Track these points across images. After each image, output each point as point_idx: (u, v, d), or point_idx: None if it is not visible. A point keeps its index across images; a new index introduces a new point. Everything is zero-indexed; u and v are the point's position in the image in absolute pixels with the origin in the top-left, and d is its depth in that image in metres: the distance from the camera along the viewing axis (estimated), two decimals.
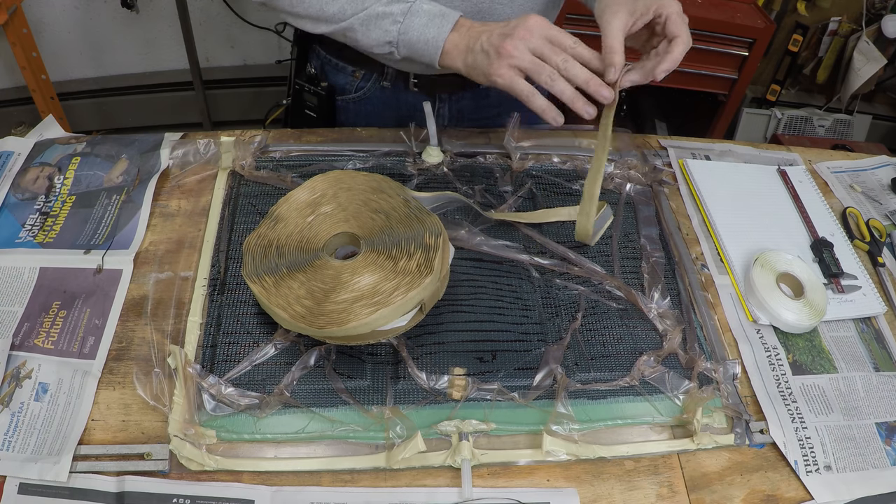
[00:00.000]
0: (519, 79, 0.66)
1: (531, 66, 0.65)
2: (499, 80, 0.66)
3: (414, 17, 0.71)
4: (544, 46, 0.64)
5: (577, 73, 0.64)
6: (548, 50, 0.64)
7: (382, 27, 0.72)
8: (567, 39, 0.65)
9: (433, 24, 0.70)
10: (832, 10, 2.04)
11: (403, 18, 0.71)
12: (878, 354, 0.73)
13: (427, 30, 0.70)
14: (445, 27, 0.70)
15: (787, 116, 2.18)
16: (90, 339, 0.65)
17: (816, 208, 0.88)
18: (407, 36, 0.71)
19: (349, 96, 0.94)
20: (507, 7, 0.81)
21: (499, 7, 0.80)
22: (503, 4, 0.80)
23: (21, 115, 1.94)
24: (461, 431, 0.60)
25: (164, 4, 1.90)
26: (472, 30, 0.69)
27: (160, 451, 0.58)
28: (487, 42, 0.67)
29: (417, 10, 0.71)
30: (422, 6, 0.71)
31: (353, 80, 0.92)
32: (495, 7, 0.80)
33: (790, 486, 0.61)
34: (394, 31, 0.71)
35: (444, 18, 0.70)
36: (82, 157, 0.82)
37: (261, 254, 0.66)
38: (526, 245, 0.77)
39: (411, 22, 0.71)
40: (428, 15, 0.71)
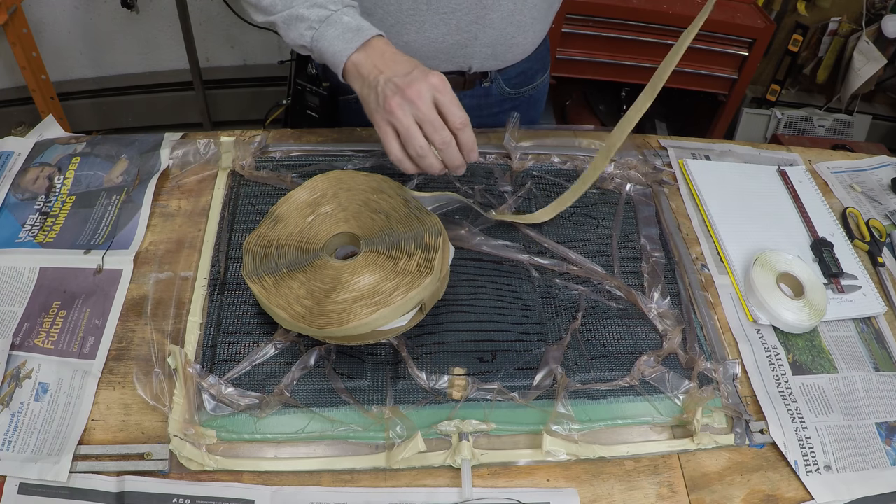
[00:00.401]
0: (392, 139, 0.65)
1: (405, 134, 0.64)
2: (377, 130, 0.66)
3: (329, 26, 0.69)
4: (429, 116, 0.63)
5: (451, 158, 0.65)
6: (431, 124, 0.64)
7: (299, 30, 0.70)
8: (457, 116, 0.64)
9: (344, 38, 0.68)
10: (832, 10, 2.04)
11: (319, 26, 0.69)
12: (878, 354, 0.73)
13: (336, 42, 0.68)
14: (353, 44, 0.67)
15: (787, 116, 2.18)
16: (90, 339, 0.65)
17: (816, 208, 0.88)
18: (318, 44, 0.69)
19: (352, 96, 0.94)
20: (508, 2, 0.80)
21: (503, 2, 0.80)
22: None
23: (21, 115, 1.94)
24: (461, 431, 0.61)
25: (164, 4, 1.90)
26: (380, 59, 0.67)
27: (160, 451, 0.58)
28: (382, 85, 0.65)
29: (336, 20, 0.69)
30: (342, 17, 0.69)
31: None
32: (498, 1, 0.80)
33: (790, 486, 0.61)
34: (308, 36, 0.70)
35: (357, 34, 0.68)
36: (82, 157, 0.82)
37: (261, 254, 0.66)
38: (526, 245, 0.77)
39: (325, 31, 0.69)
40: (343, 28, 0.68)
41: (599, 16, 1.71)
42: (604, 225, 0.81)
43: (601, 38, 1.75)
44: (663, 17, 1.71)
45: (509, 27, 0.83)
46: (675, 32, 1.74)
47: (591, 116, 2.05)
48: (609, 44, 1.77)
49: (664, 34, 1.74)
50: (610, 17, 1.71)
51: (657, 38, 1.75)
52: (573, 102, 2.10)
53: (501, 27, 0.82)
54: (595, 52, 1.79)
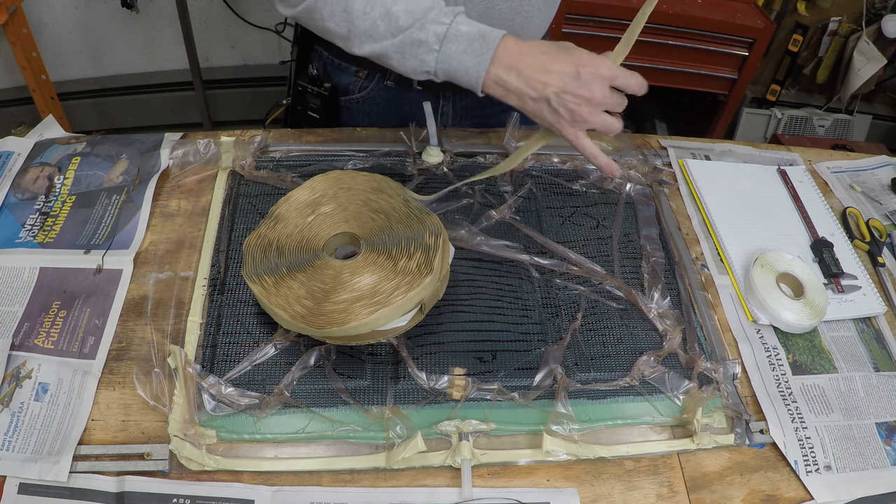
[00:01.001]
0: (586, 139, 0.66)
1: (605, 129, 0.65)
2: (567, 138, 0.66)
3: (451, 42, 0.64)
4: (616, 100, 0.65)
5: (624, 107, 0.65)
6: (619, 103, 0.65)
7: (418, 56, 0.65)
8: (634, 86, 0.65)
9: (472, 49, 0.64)
10: (832, 10, 2.04)
11: (440, 46, 0.64)
12: (878, 354, 0.73)
13: (465, 59, 0.64)
14: (485, 56, 0.64)
15: (787, 116, 2.18)
16: (90, 339, 0.65)
17: (816, 208, 0.88)
18: (445, 65, 0.65)
19: (353, 96, 0.94)
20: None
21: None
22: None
23: (21, 115, 1.94)
24: (461, 431, 0.60)
25: (164, 4, 1.90)
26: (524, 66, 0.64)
27: (160, 451, 0.58)
28: (558, 100, 0.63)
29: (455, 34, 0.64)
30: (460, 28, 0.64)
31: (356, 80, 0.92)
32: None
33: (790, 486, 0.61)
34: (430, 60, 0.65)
35: (483, 41, 0.64)
36: (82, 157, 0.82)
37: (261, 254, 0.66)
38: (526, 245, 0.77)
39: (449, 49, 0.64)
40: (467, 39, 0.64)
41: (599, 16, 1.71)
42: (604, 225, 0.81)
43: (601, 38, 1.75)
44: (663, 17, 1.71)
45: (517, 18, 0.82)
46: (676, 32, 1.74)
47: None
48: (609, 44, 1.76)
49: (664, 34, 1.74)
50: (610, 17, 1.71)
51: (657, 38, 1.75)
52: None
53: (509, 18, 0.81)
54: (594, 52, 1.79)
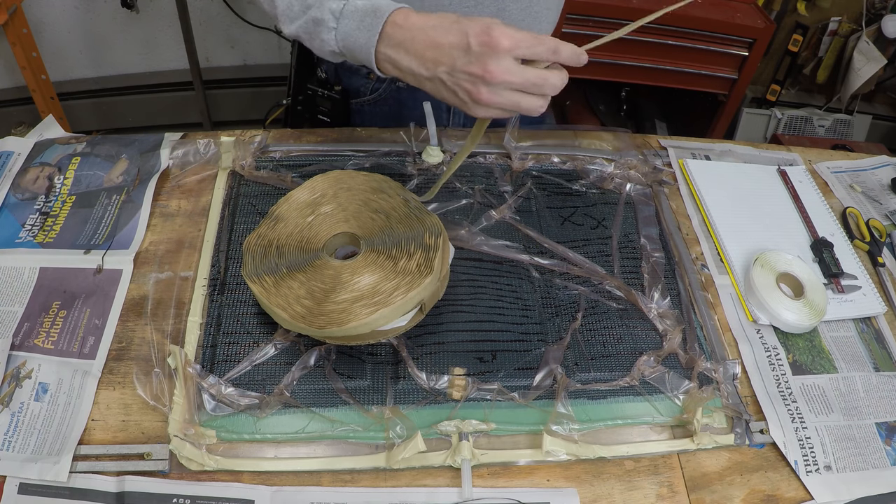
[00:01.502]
0: (496, 112, 0.58)
1: (518, 110, 0.57)
2: (477, 118, 0.60)
3: (346, 19, 0.59)
4: (527, 80, 0.55)
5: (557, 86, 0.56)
6: (534, 86, 0.55)
7: (321, 36, 0.61)
8: (544, 54, 0.55)
9: (363, 25, 0.58)
10: (832, 10, 2.04)
11: (337, 23, 0.59)
12: (878, 354, 0.73)
13: (358, 35, 0.58)
14: (374, 31, 0.58)
15: (787, 116, 2.18)
16: (90, 339, 0.65)
17: (816, 208, 0.88)
18: (345, 43, 0.60)
19: (364, 98, 0.93)
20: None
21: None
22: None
23: (21, 115, 1.94)
24: (461, 431, 0.60)
25: (164, 4, 1.90)
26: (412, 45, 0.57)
27: (160, 451, 0.58)
28: (452, 81, 0.56)
29: (350, 10, 0.59)
30: (356, 3, 0.59)
31: (367, 82, 0.91)
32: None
33: (790, 486, 0.61)
34: (331, 39, 0.61)
35: (374, 17, 0.58)
36: (82, 157, 0.82)
37: (261, 254, 0.66)
38: (526, 245, 0.77)
39: (345, 26, 0.59)
40: (360, 14, 0.58)
41: (599, 16, 1.71)
42: (604, 225, 0.81)
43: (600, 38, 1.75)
44: (664, 17, 1.71)
45: (527, 18, 0.82)
46: (675, 32, 1.74)
47: (591, 116, 2.05)
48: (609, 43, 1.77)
49: (664, 34, 1.74)
50: (610, 17, 1.71)
51: (657, 38, 1.75)
52: (573, 102, 2.10)
53: (520, 19, 0.81)
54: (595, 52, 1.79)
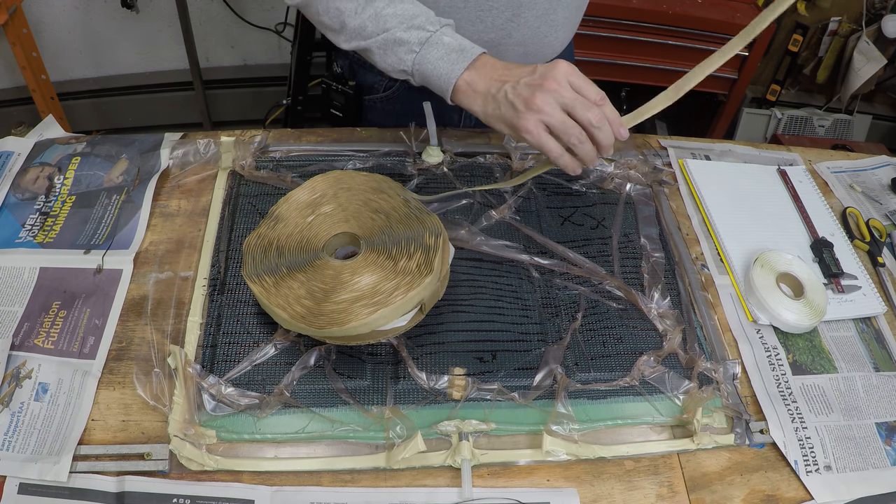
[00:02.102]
0: (548, 136, 0.63)
1: (560, 127, 0.62)
2: (527, 137, 0.64)
3: (431, 48, 0.67)
4: (575, 98, 0.62)
5: (605, 136, 0.63)
6: (582, 104, 0.62)
7: (398, 54, 0.69)
8: (595, 92, 0.63)
9: (449, 58, 0.66)
10: (832, 10, 2.04)
11: (420, 49, 0.67)
12: (878, 354, 0.73)
13: (441, 64, 0.67)
14: (461, 64, 0.66)
15: (787, 116, 2.18)
16: (90, 339, 0.65)
17: (816, 208, 0.88)
18: (421, 67, 0.68)
19: (377, 95, 0.94)
20: (544, 1, 0.79)
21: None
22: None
23: (21, 115, 1.94)
24: (461, 431, 0.61)
25: (164, 4, 1.90)
26: (494, 72, 0.66)
27: (160, 451, 0.58)
28: (514, 92, 0.63)
29: (437, 41, 0.67)
30: (442, 38, 0.67)
31: (381, 80, 0.92)
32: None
33: (790, 486, 0.61)
34: (408, 60, 0.68)
35: (461, 54, 0.67)
36: (82, 157, 0.82)
37: (261, 254, 0.66)
38: (526, 245, 0.77)
39: (427, 53, 0.67)
40: (446, 48, 0.67)
41: (600, 16, 1.71)
42: (604, 225, 0.81)
43: (601, 38, 1.75)
44: (664, 17, 1.71)
45: (543, 26, 0.82)
46: (676, 32, 1.74)
47: None
48: (609, 44, 1.77)
49: (664, 34, 1.74)
50: (610, 17, 1.71)
51: (657, 39, 1.75)
52: None
53: (535, 26, 0.82)
54: (595, 52, 1.79)
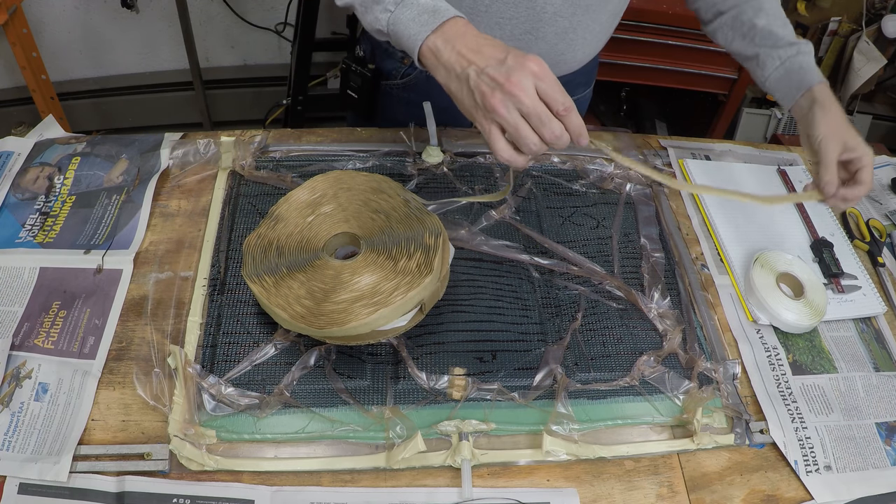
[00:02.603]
0: (498, 136, 0.59)
1: (514, 134, 0.58)
2: (477, 126, 0.61)
3: (406, 8, 0.64)
4: (535, 109, 0.57)
5: (561, 145, 0.59)
6: (538, 118, 0.58)
7: (375, 13, 0.66)
8: (560, 102, 0.58)
9: (419, 20, 0.63)
10: (832, 10, 2.04)
11: (395, 8, 0.64)
12: (878, 354, 0.73)
13: (411, 25, 0.63)
14: (428, 26, 0.62)
15: (787, 116, 2.18)
16: (90, 339, 0.65)
17: (816, 208, 0.88)
18: (394, 27, 0.64)
19: (394, 81, 0.94)
20: (564, 19, 0.79)
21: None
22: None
23: (21, 115, 1.93)
24: (461, 431, 0.60)
25: (164, 4, 1.90)
26: (465, 44, 0.61)
27: (160, 451, 0.58)
28: (476, 80, 0.59)
29: (411, 2, 0.64)
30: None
31: (400, 66, 0.92)
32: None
33: (790, 486, 0.61)
34: (384, 19, 0.65)
35: (433, 16, 0.63)
36: (82, 157, 0.82)
37: (261, 254, 0.66)
38: (526, 245, 0.77)
39: (401, 13, 0.64)
40: (420, 9, 0.63)
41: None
42: (604, 225, 0.81)
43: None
44: (663, 17, 1.71)
45: (560, 43, 0.82)
46: (676, 32, 1.74)
47: (591, 116, 2.05)
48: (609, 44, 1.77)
49: (664, 34, 1.74)
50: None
51: (657, 38, 1.75)
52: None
53: (553, 42, 0.81)
54: None
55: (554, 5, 0.77)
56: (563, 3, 0.77)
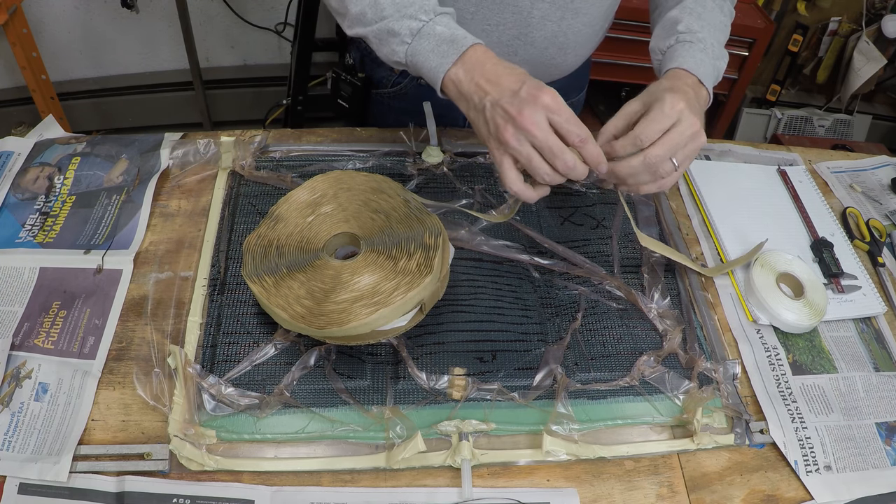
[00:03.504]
0: (510, 167, 0.60)
1: (527, 165, 0.59)
2: (491, 155, 0.62)
3: (423, 39, 0.64)
4: (547, 142, 0.58)
5: (578, 176, 0.60)
6: (550, 151, 0.58)
7: (391, 45, 0.66)
8: (575, 135, 0.59)
9: (439, 51, 0.63)
10: (832, 10, 2.04)
11: (412, 40, 0.64)
12: (878, 354, 0.73)
13: (431, 57, 0.63)
14: (450, 58, 0.62)
15: (787, 116, 2.18)
16: (90, 339, 0.65)
17: (816, 208, 0.88)
18: (414, 59, 0.65)
19: (385, 90, 0.94)
20: (553, 24, 0.78)
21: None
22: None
23: (21, 115, 1.94)
24: (461, 431, 0.60)
25: (164, 4, 1.90)
26: (482, 74, 0.61)
27: (160, 451, 0.58)
28: (491, 112, 0.60)
29: (429, 32, 0.64)
30: (435, 28, 0.64)
31: (390, 75, 0.92)
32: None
33: (790, 486, 0.61)
34: (401, 52, 0.65)
35: (452, 45, 0.63)
36: (82, 157, 0.82)
37: (261, 254, 0.66)
38: (526, 245, 0.77)
39: (419, 45, 0.64)
40: (437, 39, 0.63)
41: None
42: (604, 225, 0.81)
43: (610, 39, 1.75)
44: None
45: (551, 48, 0.81)
46: None
47: (590, 116, 2.05)
48: (609, 44, 1.77)
49: None
50: None
51: None
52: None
53: (543, 47, 0.81)
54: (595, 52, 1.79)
55: (541, 9, 0.76)
56: (550, 7, 0.77)
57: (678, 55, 0.70)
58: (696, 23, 0.72)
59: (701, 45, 0.71)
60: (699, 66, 0.69)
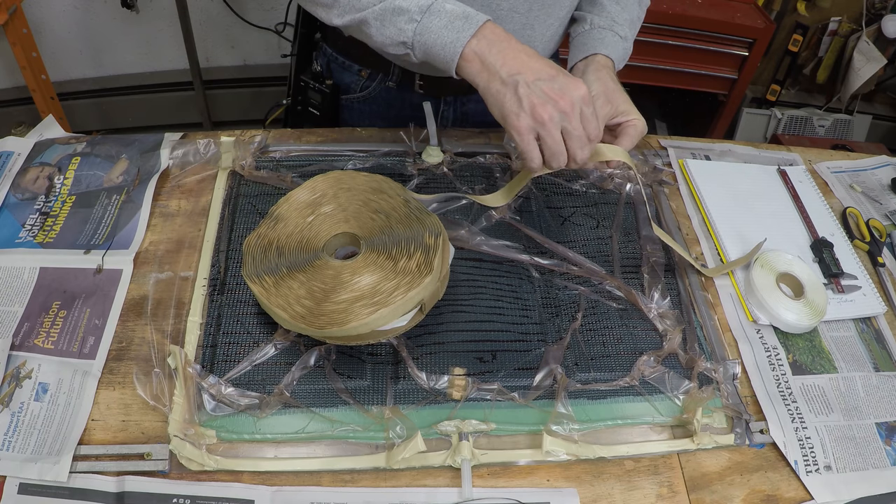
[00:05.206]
0: (534, 146, 0.62)
1: (551, 146, 0.61)
2: (516, 136, 0.62)
3: (433, 16, 0.62)
4: (578, 131, 0.61)
5: (572, 167, 0.64)
6: (580, 140, 0.61)
7: (397, 25, 0.64)
8: (595, 131, 0.62)
9: (453, 26, 0.62)
10: (832, 10, 2.04)
11: (421, 17, 0.63)
12: (878, 354, 0.73)
13: (445, 32, 0.62)
14: (467, 31, 0.62)
15: (787, 116, 2.18)
16: (90, 339, 0.65)
17: (816, 208, 0.88)
18: (423, 38, 0.63)
19: (354, 95, 0.93)
20: (521, 16, 0.78)
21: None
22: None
23: (21, 115, 1.94)
24: (461, 431, 0.60)
25: (164, 4, 1.90)
26: (508, 51, 0.62)
27: (160, 451, 0.58)
28: (526, 90, 0.60)
29: (439, 8, 0.63)
30: (445, 5, 0.63)
31: (359, 80, 0.91)
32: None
33: (790, 486, 0.61)
34: (409, 30, 0.63)
35: (466, 21, 0.62)
36: (82, 157, 0.82)
37: (261, 254, 0.66)
38: (526, 245, 0.77)
39: (429, 22, 0.62)
40: (450, 16, 0.62)
41: None
42: (604, 225, 0.81)
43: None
44: (663, 17, 1.71)
45: (520, 40, 0.82)
46: (675, 32, 1.75)
47: None
48: None
49: (664, 34, 1.75)
50: None
51: (657, 38, 1.75)
52: None
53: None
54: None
55: (510, 2, 0.76)
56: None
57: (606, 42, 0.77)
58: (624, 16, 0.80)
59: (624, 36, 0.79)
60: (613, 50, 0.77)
